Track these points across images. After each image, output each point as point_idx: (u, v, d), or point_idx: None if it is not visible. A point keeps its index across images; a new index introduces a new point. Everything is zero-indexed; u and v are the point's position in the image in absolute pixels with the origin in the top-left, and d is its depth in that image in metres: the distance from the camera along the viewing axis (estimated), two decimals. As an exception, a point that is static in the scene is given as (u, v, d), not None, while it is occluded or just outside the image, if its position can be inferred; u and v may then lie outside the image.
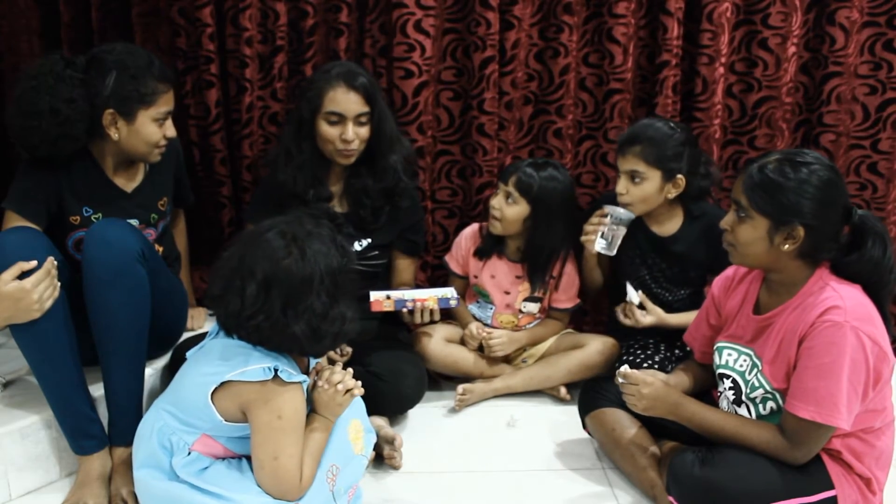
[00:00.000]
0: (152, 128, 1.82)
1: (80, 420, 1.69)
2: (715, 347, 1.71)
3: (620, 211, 2.04)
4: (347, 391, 1.51)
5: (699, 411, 1.61)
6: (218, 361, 1.46)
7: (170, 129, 1.88)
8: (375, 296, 2.07)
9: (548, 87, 2.37)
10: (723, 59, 2.30)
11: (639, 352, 2.12)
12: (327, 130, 2.02)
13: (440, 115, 2.38)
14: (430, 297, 2.09)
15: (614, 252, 2.09)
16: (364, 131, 2.05)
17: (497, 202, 2.18)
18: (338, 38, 2.30)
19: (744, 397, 1.61)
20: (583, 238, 2.13)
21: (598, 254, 2.14)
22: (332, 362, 1.85)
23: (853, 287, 1.49)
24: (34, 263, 1.57)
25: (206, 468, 1.48)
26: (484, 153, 2.37)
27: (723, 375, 1.67)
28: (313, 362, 1.63)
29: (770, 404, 1.57)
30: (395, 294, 2.09)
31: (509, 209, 2.16)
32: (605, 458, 1.91)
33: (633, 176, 2.03)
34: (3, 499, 1.70)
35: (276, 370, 1.42)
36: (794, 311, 1.52)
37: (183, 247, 2.27)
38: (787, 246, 1.49)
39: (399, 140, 2.14)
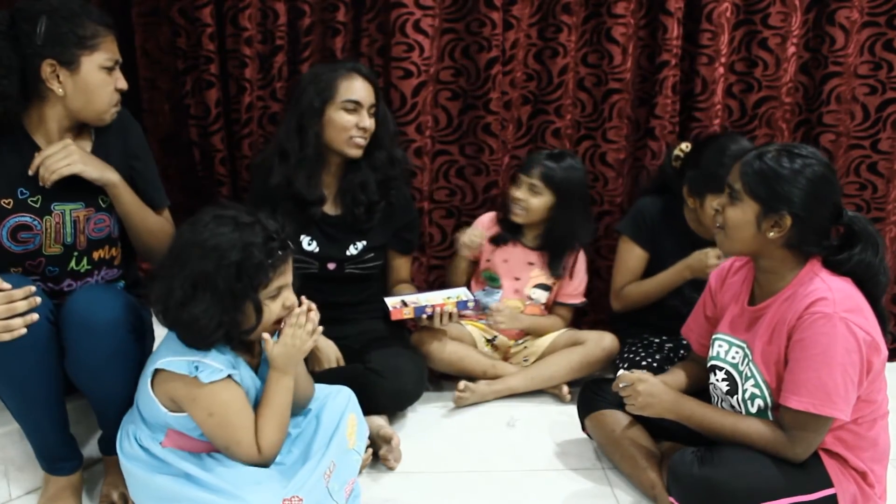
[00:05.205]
0: (100, 76, 1.59)
1: (51, 447, 1.64)
2: (712, 339, 1.72)
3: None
4: (312, 332, 1.51)
5: (698, 409, 1.61)
6: (158, 353, 1.48)
7: (120, 81, 1.64)
8: (391, 303, 2.06)
9: (546, 86, 2.36)
10: (723, 59, 2.30)
11: (640, 350, 2.12)
12: (344, 118, 2.03)
13: (438, 115, 2.38)
14: (446, 300, 2.09)
15: None
16: (373, 124, 2.07)
17: (522, 193, 2.22)
18: (334, 37, 2.29)
19: (739, 390, 1.61)
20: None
21: (648, 266, 2.20)
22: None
23: (843, 280, 1.50)
24: (8, 286, 1.43)
25: (194, 459, 1.48)
26: (491, 152, 2.38)
27: (715, 367, 1.68)
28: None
29: (758, 402, 1.57)
30: (410, 299, 2.08)
31: (535, 199, 2.22)
32: (605, 458, 1.91)
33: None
34: (3, 499, 1.70)
35: (197, 368, 1.42)
36: (784, 301, 1.53)
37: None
38: (772, 233, 1.51)
39: (397, 137, 2.18)
